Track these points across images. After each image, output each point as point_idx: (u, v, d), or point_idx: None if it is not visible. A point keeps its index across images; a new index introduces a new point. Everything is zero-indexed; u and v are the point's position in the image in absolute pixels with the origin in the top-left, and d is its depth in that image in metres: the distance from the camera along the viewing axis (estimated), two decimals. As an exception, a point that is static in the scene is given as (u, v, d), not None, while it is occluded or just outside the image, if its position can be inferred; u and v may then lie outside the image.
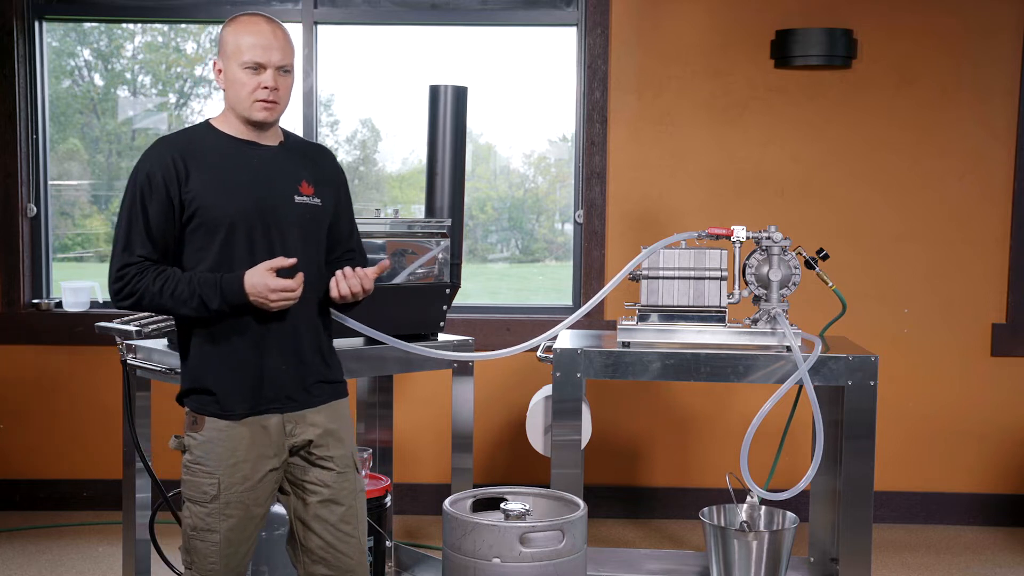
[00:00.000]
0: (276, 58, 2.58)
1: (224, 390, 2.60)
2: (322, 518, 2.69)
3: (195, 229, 2.58)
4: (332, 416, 2.72)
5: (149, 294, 2.54)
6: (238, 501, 2.60)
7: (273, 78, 2.57)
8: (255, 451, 2.61)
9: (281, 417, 2.64)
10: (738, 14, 4.66)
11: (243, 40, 2.57)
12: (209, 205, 2.56)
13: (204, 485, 2.60)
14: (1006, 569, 4.23)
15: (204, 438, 2.61)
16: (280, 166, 2.67)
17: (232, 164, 2.61)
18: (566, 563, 2.82)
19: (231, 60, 2.59)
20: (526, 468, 4.72)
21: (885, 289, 4.72)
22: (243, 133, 2.65)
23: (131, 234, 2.56)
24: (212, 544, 2.61)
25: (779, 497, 3.25)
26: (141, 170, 2.58)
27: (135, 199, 2.57)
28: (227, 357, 2.60)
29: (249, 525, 2.64)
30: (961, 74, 4.66)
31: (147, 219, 2.56)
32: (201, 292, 2.52)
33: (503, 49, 4.97)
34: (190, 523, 2.63)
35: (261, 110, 2.59)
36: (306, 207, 2.68)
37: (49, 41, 4.95)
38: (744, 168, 4.72)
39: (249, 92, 2.57)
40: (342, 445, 2.72)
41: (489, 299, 5.04)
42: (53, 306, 4.83)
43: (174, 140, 2.64)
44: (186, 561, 2.67)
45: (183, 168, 2.56)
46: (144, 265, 2.55)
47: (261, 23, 2.60)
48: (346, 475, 2.71)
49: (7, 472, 4.83)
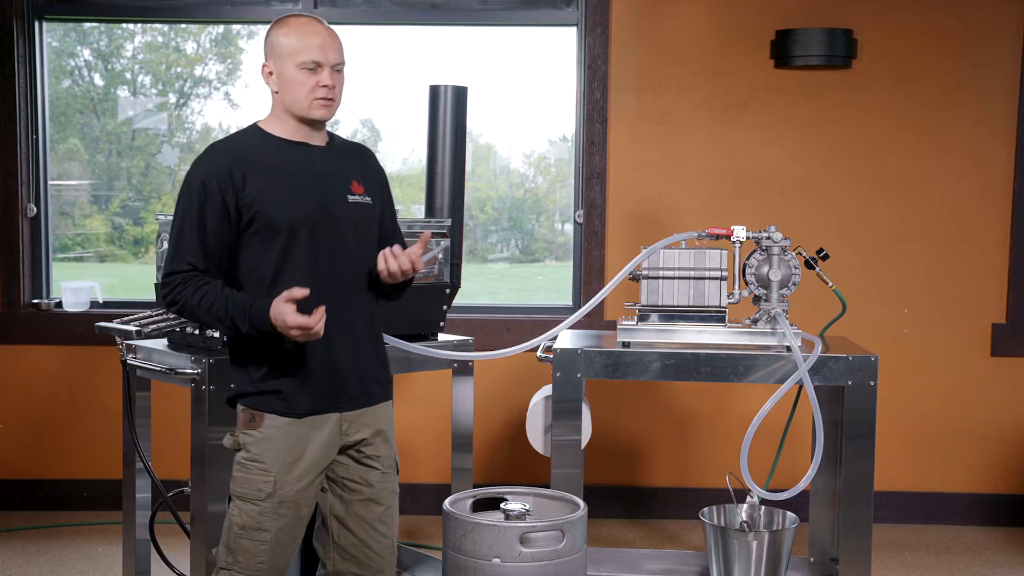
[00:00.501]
0: (332, 57, 2.62)
1: (291, 389, 2.60)
2: (360, 517, 2.71)
3: (254, 233, 2.59)
4: (383, 416, 2.76)
5: (189, 306, 2.57)
6: (292, 500, 2.61)
7: (330, 76, 2.61)
8: (313, 450, 2.62)
9: (339, 416, 2.66)
10: (738, 14, 4.66)
11: (299, 41, 2.61)
12: (268, 209, 2.57)
13: (259, 483, 2.59)
14: (1006, 569, 4.23)
15: (263, 435, 2.60)
16: (332, 166, 2.69)
17: (288, 167, 2.63)
18: (566, 563, 2.82)
19: (286, 61, 2.61)
20: (526, 468, 4.72)
21: (885, 289, 4.72)
22: (294, 134, 2.66)
23: (182, 242, 2.57)
24: (262, 543, 2.60)
25: (779, 497, 3.25)
26: (196, 177, 2.58)
27: (189, 206, 2.57)
28: (294, 356, 2.60)
29: (297, 525, 2.65)
30: (961, 74, 4.66)
31: (201, 227, 2.56)
32: (233, 315, 2.54)
33: (503, 49, 4.97)
34: (239, 521, 2.61)
35: (320, 107, 2.62)
36: (359, 206, 2.70)
37: (49, 41, 4.95)
38: (744, 168, 4.72)
39: (308, 91, 2.60)
40: (389, 446, 2.76)
41: (489, 299, 5.04)
42: (53, 306, 4.83)
43: (227, 146, 2.64)
44: (226, 562, 2.63)
45: (239, 174, 2.57)
46: (189, 275, 2.56)
47: (315, 23, 2.64)
48: (388, 476, 2.75)
49: (7, 472, 4.83)
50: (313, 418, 2.62)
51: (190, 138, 5.13)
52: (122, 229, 5.14)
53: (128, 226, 5.14)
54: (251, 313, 2.53)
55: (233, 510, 2.63)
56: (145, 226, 5.10)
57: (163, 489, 3.24)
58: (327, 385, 2.64)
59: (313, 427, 2.62)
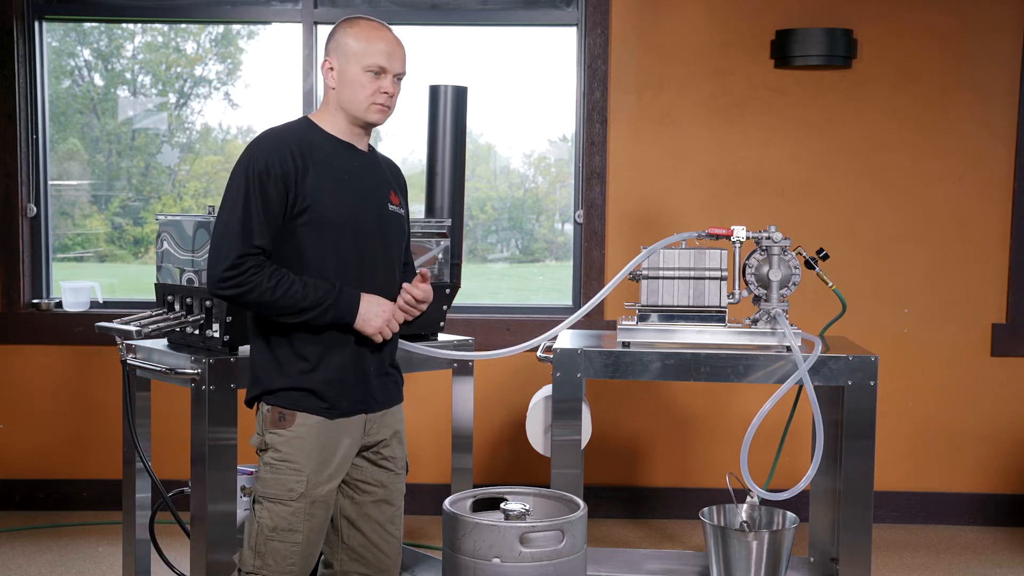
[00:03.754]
0: (398, 66, 2.66)
1: (326, 389, 2.60)
2: (372, 517, 2.73)
3: (304, 225, 2.56)
4: (398, 417, 2.80)
5: (260, 289, 2.49)
6: (323, 500, 2.61)
7: (392, 84, 2.64)
8: (342, 450, 2.64)
9: (365, 417, 2.68)
10: (738, 14, 4.66)
11: (369, 45, 2.61)
12: (324, 203, 2.57)
13: (291, 482, 2.58)
14: (1006, 569, 4.23)
15: (294, 434, 2.59)
16: (376, 174, 2.72)
17: (341, 165, 2.63)
18: (566, 563, 2.81)
19: (352, 61, 2.61)
20: (526, 468, 4.72)
21: (885, 289, 4.72)
22: (345, 135, 2.68)
23: (250, 222, 2.50)
24: (294, 544, 2.59)
25: (779, 497, 3.25)
26: (258, 159, 2.53)
27: (252, 187, 2.51)
28: (329, 356, 2.61)
29: (325, 525, 2.66)
30: (961, 74, 4.66)
31: (268, 207, 2.51)
32: (319, 298, 2.53)
33: (503, 49, 4.97)
34: (269, 523, 2.58)
35: (377, 112, 2.64)
36: (395, 216, 2.74)
37: (49, 41, 4.95)
38: (744, 168, 4.72)
39: (369, 94, 2.62)
40: (403, 447, 2.80)
41: (489, 299, 5.04)
42: (53, 306, 4.83)
43: (286, 133, 2.62)
44: (254, 566, 2.60)
45: (301, 162, 2.56)
46: (262, 260, 2.52)
47: (385, 30, 2.66)
48: (400, 477, 2.79)
49: (7, 472, 4.83)
50: (343, 419, 2.63)
51: (190, 138, 5.13)
52: (122, 229, 5.14)
53: (128, 226, 5.14)
54: (342, 304, 2.54)
55: (262, 513, 2.60)
56: (145, 226, 5.10)
57: (163, 489, 3.24)
58: (358, 386, 2.65)
59: (344, 427, 2.64)
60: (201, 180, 5.14)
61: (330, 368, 2.61)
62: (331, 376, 2.61)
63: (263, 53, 5.04)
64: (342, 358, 2.62)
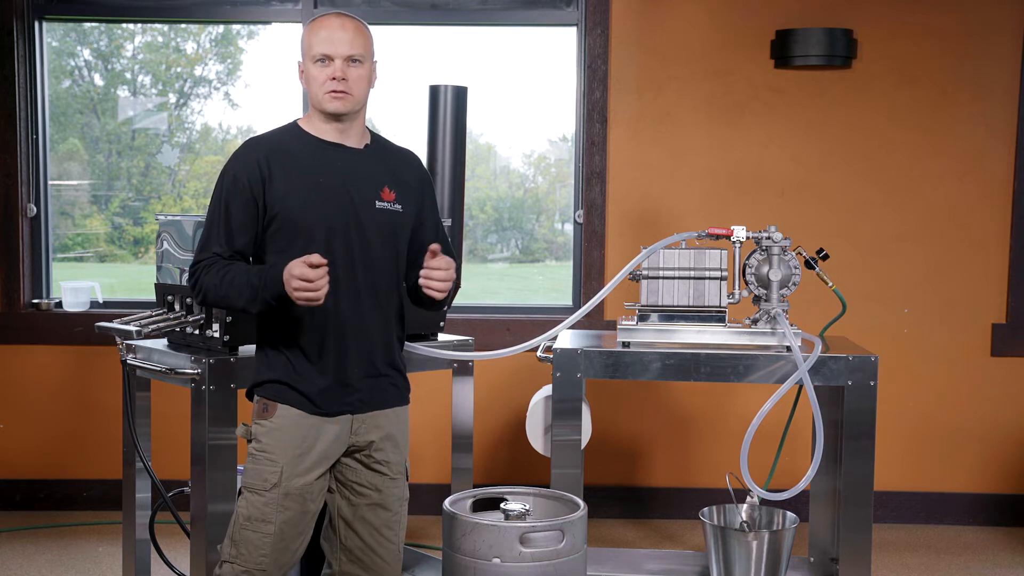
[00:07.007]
0: (343, 49, 2.61)
1: (300, 385, 2.62)
2: (367, 521, 2.72)
3: (276, 231, 2.62)
4: (395, 421, 2.77)
5: (210, 286, 2.58)
6: (297, 494, 2.61)
7: (342, 69, 2.61)
8: (322, 445, 2.63)
9: (351, 418, 2.68)
10: (738, 14, 4.66)
11: (312, 36, 2.64)
12: (291, 209, 2.59)
13: (266, 472, 2.61)
14: (1006, 569, 4.23)
15: (273, 425, 2.62)
16: (363, 170, 2.69)
17: (316, 167, 2.64)
18: (566, 563, 2.81)
19: (306, 58, 2.65)
20: (526, 468, 4.72)
21: (885, 289, 4.72)
22: (328, 134, 2.68)
23: (210, 235, 2.62)
24: (265, 535, 2.61)
25: (779, 497, 3.25)
26: (228, 172, 2.64)
27: (219, 201, 2.63)
28: (306, 354, 2.63)
29: (303, 521, 2.65)
30: (961, 74, 4.66)
31: (228, 220, 2.60)
32: (251, 280, 2.54)
33: (503, 49, 4.97)
34: (244, 512, 2.62)
35: (332, 100, 2.62)
36: (386, 213, 2.70)
37: (49, 41, 4.94)
38: (744, 168, 4.71)
39: (320, 84, 2.62)
40: (399, 451, 2.77)
41: (489, 299, 5.04)
42: (53, 306, 4.83)
43: (261, 142, 2.67)
44: (229, 554, 2.64)
45: (267, 170, 2.60)
46: (212, 259, 2.59)
47: (330, 18, 2.66)
48: (397, 482, 2.77)
49: (7, 472, 4.83)
50: (323, 417, 2.64)
51: (190, 138, 5.13)
52: (122, 229, 5.14)
53: (128, 226, 5.14)
54: (267, 278, 2.53)
55: (241, 502, 2.65)
56: (145, 226, 5.10)
57: (163, 489, 3.24)
58: (339, 386, 2.65)
59: (324, 422, 2.64)
60: (201, 180, 5.14)
61: (311, 363, 2.63)
62: (313, 373, 2.63)
63: (263, 53, 5.04)
64: (324, 356, 2.63)
